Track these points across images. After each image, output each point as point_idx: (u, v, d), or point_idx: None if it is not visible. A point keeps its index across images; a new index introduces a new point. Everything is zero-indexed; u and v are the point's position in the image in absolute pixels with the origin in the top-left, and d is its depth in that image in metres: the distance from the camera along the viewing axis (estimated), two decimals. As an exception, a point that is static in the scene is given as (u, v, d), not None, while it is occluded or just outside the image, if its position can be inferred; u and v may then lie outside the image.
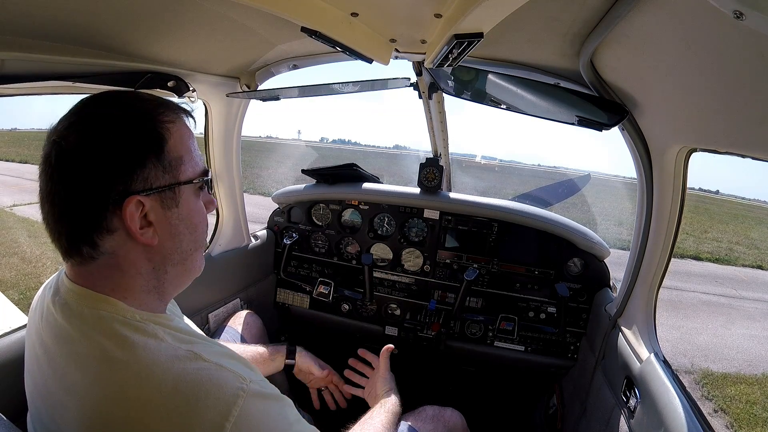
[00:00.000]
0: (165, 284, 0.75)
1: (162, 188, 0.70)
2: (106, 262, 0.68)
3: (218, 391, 0.62)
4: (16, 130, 43.41)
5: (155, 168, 0.69)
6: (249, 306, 1.95)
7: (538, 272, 1.94)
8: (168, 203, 0.71)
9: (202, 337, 0.76)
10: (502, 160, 79.51)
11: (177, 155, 0.72)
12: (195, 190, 0.76)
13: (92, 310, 0.67)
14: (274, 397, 0.70)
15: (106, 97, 0.71)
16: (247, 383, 0.65)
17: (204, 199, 0.79)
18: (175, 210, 0.72)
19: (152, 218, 0.70)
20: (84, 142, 0.65)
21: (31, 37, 0.85)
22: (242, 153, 1.81)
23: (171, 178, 0.71)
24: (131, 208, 0.66)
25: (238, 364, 0.69)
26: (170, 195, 0.71)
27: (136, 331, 0.65)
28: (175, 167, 0.72)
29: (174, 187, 0.72)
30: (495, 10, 0.68)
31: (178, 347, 0.66)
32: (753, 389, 4.27)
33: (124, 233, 0.68)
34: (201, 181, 0.76)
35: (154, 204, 0.69)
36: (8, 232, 6.98)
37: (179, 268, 0.76)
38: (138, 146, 0.68)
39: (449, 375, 2.27)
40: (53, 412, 0.67)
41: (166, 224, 0.72)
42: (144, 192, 0.67)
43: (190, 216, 0.75)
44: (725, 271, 9.76)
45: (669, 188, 1.19)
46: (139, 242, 0.69)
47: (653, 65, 0.92)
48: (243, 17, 1.05)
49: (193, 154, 0.76)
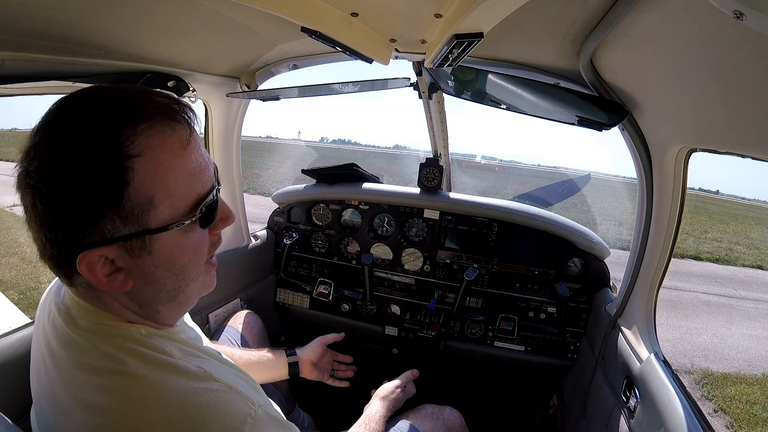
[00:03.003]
0: (162, 316, 0.69)
1: (124, 238, 0.57)
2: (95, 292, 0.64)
3: (226, 416, 0.60)
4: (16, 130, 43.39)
5: (112, 221, 0.56)
6: (249, 306, 1.95)
7: (538, 272, 1.94)
8: (136, 252, 0.59)
9: (210, 352, 0.74)
10: (502, 160, 79.56)
11: (145, 199, 0.57)
12: (185, 229, 0.61)
13: (97, 325, 0.65)
14: (281, 424, 0.69)
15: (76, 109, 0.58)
16: (256, 408, 0.63)
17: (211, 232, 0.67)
18: (148, 257, 0.60)
19: (121, 264, 0.60)
20: (47, 172, 0.54)
21: (31, 37, 0.85)
22: (242, 153, 1.81)
23: (135, 227, 0.57)
24: (89, 260, 0.56)
25: (247, 386, 0.67)
26: (138, 244, 0.59)
27: (143, 346, 0.63)
28: (140, 214, 0.57)
29: (142, 236, 0.58)
30: (495, 10, 0.68)
31: (188, 362, 0.64)
32: (753, 389, 4.27)
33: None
34: (192, 219, 0.61)
35: (119, 253, 0.58)
36: (8, 232, 6.98)
37: (172, 305, 0.67)
38: (91, 196, 0.54)
39: (449, 375, 2.27)
40: (59, 417, 0.66)
41: (138, 271, 0.61)
42: (102, 245, 0.57)
43: (171, 259, 0.62)
44: (725, 271, 9.75)
45: (669, 188, 1.19)
46: (110, 290, 0.61)
47: (653, 65, 0.92)
48: (243, 17, 1.05)
49: (172, 186, 0.59)
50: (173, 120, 0.60)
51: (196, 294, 0.70)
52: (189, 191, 0.61)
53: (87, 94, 0.60)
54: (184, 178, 0.60)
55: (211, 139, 1.65)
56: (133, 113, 0.57)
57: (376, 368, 2.22)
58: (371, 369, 1.88)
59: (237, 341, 1.60)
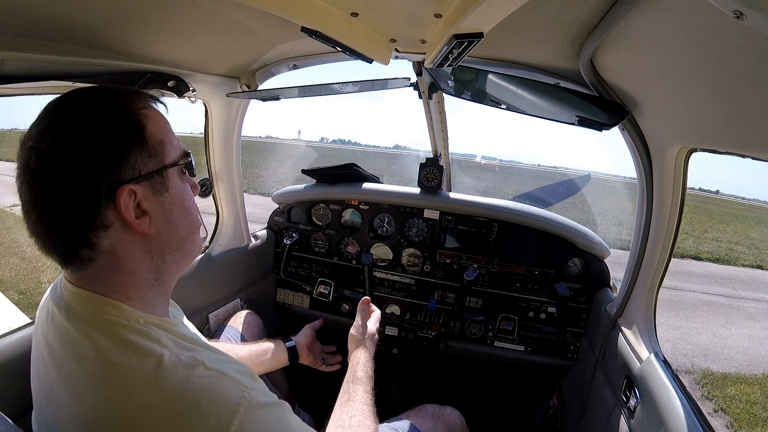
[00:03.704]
0: (164, 274, 0.75)
1: (150, 174, 0.70)
2: (105, 262, 0.68)
3: (220, 400, 0.62)
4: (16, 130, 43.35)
5: (140, 154, 0.69)
6: (249, 306, 1.95)
7: (538, 272, 1.94)
8: (159, 188, 0.72)
9: (203, 344, 0.76)
10: (502, 160, 79.53)
11: (158, 139, 0.72)
12: (179, 173, 0.77)
13: (96, 314, 0.66)
14: (275, 404, 0.71)
15: (75, 96, 0.70)
16: (249, 391, 0.65)
17: (188, 183, 0.80)
18: (167, 195, 0.73)
19: (146, 206, 0.70)
20: (64, 143, 0.64)
21: (31, 37, 0.85)
22: (242, 153, 1.81)
23: (157, 162, 0.71)
24: (124, 197, 0.66)
25: (239, 372, 0.69)
26: (159, 180, 0.72)
27: (140, 335, 0.65)
28: (159, 151, 0.72)
29: (162, 171, 0.72)
30: (495, 10, 0.68)
31: (181, 354, 0.65)
32: (753, 389, 4.27)
33: (120, 226, 0.67)
34: (185, 162, 0.77)
35: (145, 191, 0.69)
36: (8, 232, 6.98)
37: (177, 254, 0.76)
38: (120, 136, 0.68)
39: (449, 375, 2.27)
40: (57, 414, 0.67)
41: (160, 210, 0.72)
42: (134, 180, 0.68)
43: (181, 199, 0.76)
44: (725, 271, 9.76)
45: (669, 188, 1.20)
46: (136, 232, 0.69)
47: (653, 65, 0.92)
48: (243, 17, 1.05)
49: (172, 137, 0.76)
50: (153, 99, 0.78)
51: (196, 248, 0.81)
52: (178, 143, 0.78)
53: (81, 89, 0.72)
54: (174, 137, 0.77)
55: (211, 139, 1.65)
56: (134, 92, 0.75)
57: (376, 368, 2.22)
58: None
59: (237, 341, 1.60)
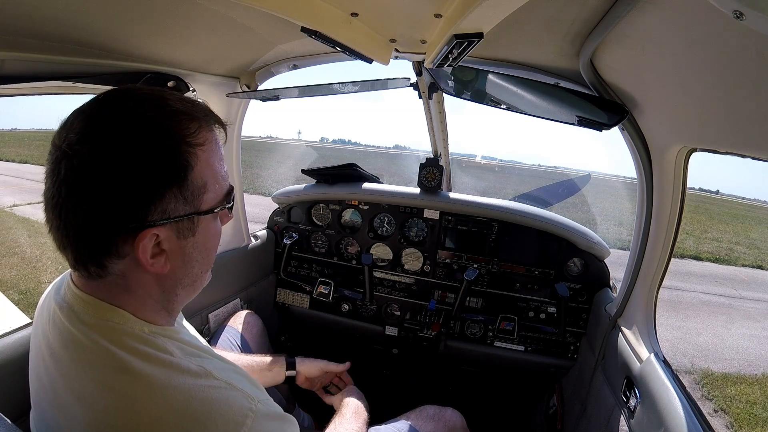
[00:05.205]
0: (174, 304, 0.73)
1: (180, 218, 0.65)
2: (114, 282, 0.66)
3: (228, 411, 0.62)
4: (16, 130, 43.37)
5: (175, 199, 0.63)
6: (249, 306, 1.95)
7: (538, 272, 1.94)
8: (184, 233, 0.67)
9: (209, 351, 0.76)
10: (502, 160, 79.54)
11: (201, 183, 0.66)
12: (216, 215, 0.72)
13: (100, 320, 0.65)
14: (281, 418, 0.71)
15: (126, 101, 0.63)
16: (255, 403, 0.65)
17: (222, 218, 0.75)
18: (191, 239, 0.68)
19: (165, 247, 0.65)
20: (100, 162, 0.58)
21: (31, 37, 0.85)
22: (242, 153, 1.81)
23: (191, 208, 0.66)
24: (145, 240, 0.62)
25: (246, 383, 0.69)
26: (188, 225, 0.67)
27: (146, 344, 0.64)
28: (197, 196, 0.66)
29: (193, 217, 0.67)
30: (495, 10, 0.68)
31: (189, 362, 0.65)
32: (753, 389, 4.27)
33: (134, 260, 0.64)
34: (222, 208, 0.71)
35: (169, 234, 0.65)
36: (8, 232, 6.98)
37: (189, 289, 0.74)
38: (159, 176, 0.62)
39: (449, 375, 2.27)
40: (60, 416, 0.66)
41: (180, 253, 0.68)
42: (160, 223, 0.63)
43: (204, 242, 0.71)
44: (725, 271, 9.75)
45: (669, 188, 1.20)
46: (149, 272, 0.66)
47: (653, 65, 0.92)
48: (243, 17, 1.05)
49: (218, 176, 0.70)
50: (218, 122, 0.72)
51: (205, 282, 0.78)
52: (224, 182, 0.72)
53: (129, 91, 0.66)
54: (222, 171, 0.71)
55: (211, 139, 1.65)
56: (192, 110, 0.67)
57: (377, 368, 2.22)
58: (371, 369, 1.88)
59: (237, 341, 1.60)
